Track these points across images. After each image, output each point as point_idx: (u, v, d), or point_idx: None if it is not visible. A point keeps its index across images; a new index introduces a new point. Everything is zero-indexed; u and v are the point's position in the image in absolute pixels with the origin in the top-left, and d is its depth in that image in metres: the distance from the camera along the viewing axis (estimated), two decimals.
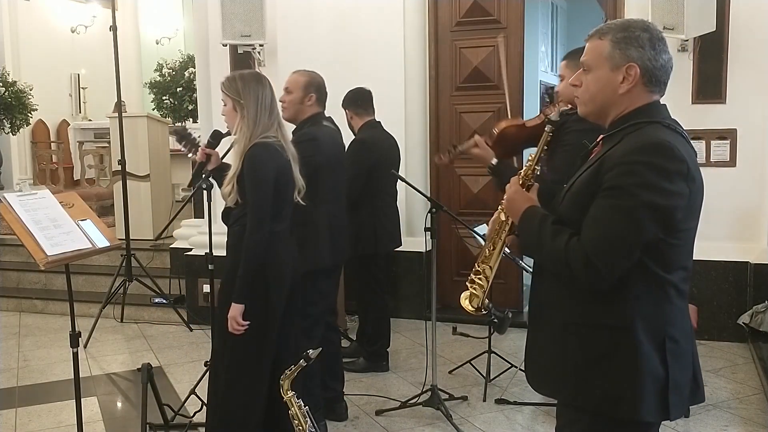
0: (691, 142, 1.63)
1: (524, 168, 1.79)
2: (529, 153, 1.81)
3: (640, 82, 1.61)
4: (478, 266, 1.88)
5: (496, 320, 1.97)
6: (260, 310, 2.68)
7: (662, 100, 1.67)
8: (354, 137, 4.22)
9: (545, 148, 1.77)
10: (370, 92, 4.28)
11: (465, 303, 1.92)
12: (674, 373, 1.58)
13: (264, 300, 2.68)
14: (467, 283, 1.90)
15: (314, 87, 3.38)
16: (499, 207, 1.83)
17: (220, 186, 2.84)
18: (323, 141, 3.29)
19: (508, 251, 1.89)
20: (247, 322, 2.63)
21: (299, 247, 3.21)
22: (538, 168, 1.78)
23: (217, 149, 2.98)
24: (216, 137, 2.94)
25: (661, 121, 1.59)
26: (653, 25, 1.64)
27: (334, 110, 3.92)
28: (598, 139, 1.73)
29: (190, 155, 3.42)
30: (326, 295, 3.41)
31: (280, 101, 3.32)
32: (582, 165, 1.71)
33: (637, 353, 1.55)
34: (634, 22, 1.64)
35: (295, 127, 3.39)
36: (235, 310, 2.63)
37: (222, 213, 2.86)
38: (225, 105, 2.74)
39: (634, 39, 1.60)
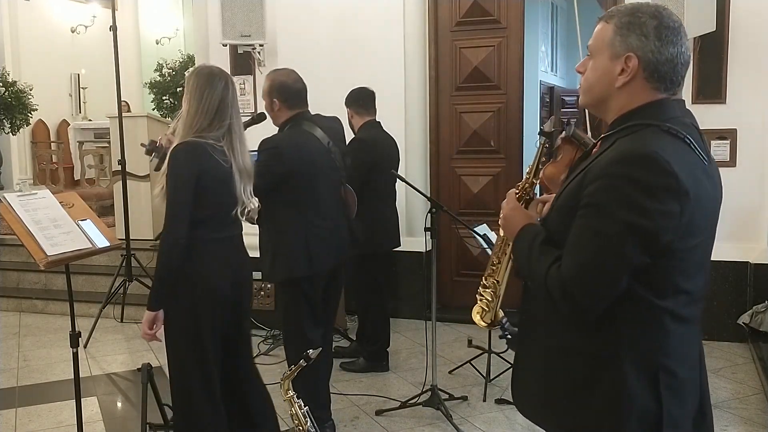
0: (706, 148, 1.44)
1: (522, 182, 1.66)
2: (528, 165, 1.72)
3: (640, 76, 1.42)
4: (485, 280, 1.77)
5: (509, 335, 1.87)
6: (189, 321, 2.53)
7: None
8: (353, 136, 4.22)
9: (543, 160, 1.67)
10: (372, 93, 4.27)
11: (477, 318, 1.81)
12: (670, 408, 1.41)
13: (192, 312, 2.52)
14: (477, 296, 1.80)
15: (276, 91, 3.18)
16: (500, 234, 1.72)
17: None
18: (286, 148, 3.09)
19: None
20: (154, 331, 2.50)
21: (274, 255, 3.15)
22: (536, 181, 1.66)
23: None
24: None
25: (660, 125, 1.39)
26: (667, 12, 1.43)
27: (335, 110, 3.92)
28: (596, 140, 1.60)
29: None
30: (314, 302, 3.28)
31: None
32: (578, 167, 1.57)
33: (621, 387, 1.39)
34: (646, 6, 1.43)
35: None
36: (146, 316, 2.48)
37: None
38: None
39: (638, 26, 1.40)
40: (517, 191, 1.66)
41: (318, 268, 3.22)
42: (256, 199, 2.71)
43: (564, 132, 1.69)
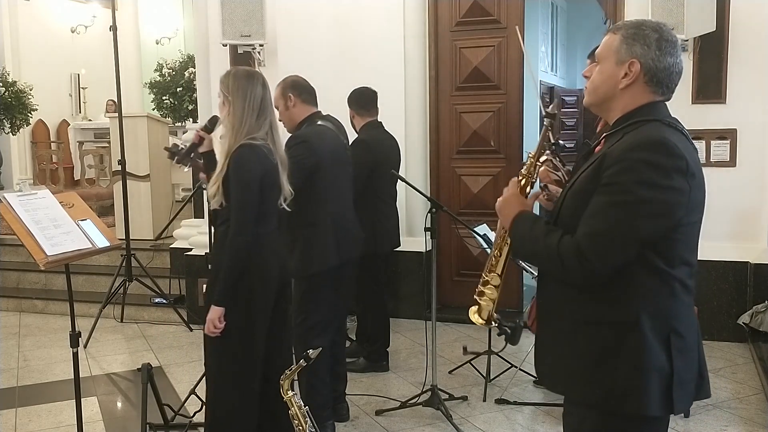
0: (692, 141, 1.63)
1: (526, 165, 1.78)
2: (529, 151, 1.80)
3: (641, 80, 1.63)
4: (486, 275, 1.83)
5: (508, 330, 1.90)
6: (246, 313, 2.63)
7: None
8: (356, 137, 4.22)
9: (546, 143, 1.77)
10: (374, 93, 4.27)
11: (475, 317, 1.86)
12: (679, 368, 1.58)
13: (249, 303, 2.63)
14: (476, 297, 1.84)
15: (289, 87, 3.30)
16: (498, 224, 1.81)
17: (206, 173, 2.80)
18: (314, 141, 3.21)
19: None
20: (222, 325, 2.58)
21: (306, 248, 3.19)
22: (540, 163, 1.77)
23: (212, 135, 2.89)
24: (213, 123, 2.88)
25: (661, 120, 1.61)
26: (667, 28, 1.65)
27: (335, 109, 3.92)
28: (600, 138, 1.73)
29: (186, 169, 3.31)
30: (336, 296, 3.33)
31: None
32: (584, 163, 1.71)
33: (643, 349, 1.56)
34: (649, 22, 1.66)
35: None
36: (215, 312, 2.58)
37: (212, 214, 2.79)
38: (219, 98, 2.72)
39: (642, 37, 1.62)
40: (521, 177, 1.78)
41: (345, 258, 3.31)
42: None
43: (551, 107, 1.80)
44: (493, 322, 1.85)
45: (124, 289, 5.33)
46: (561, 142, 3.26)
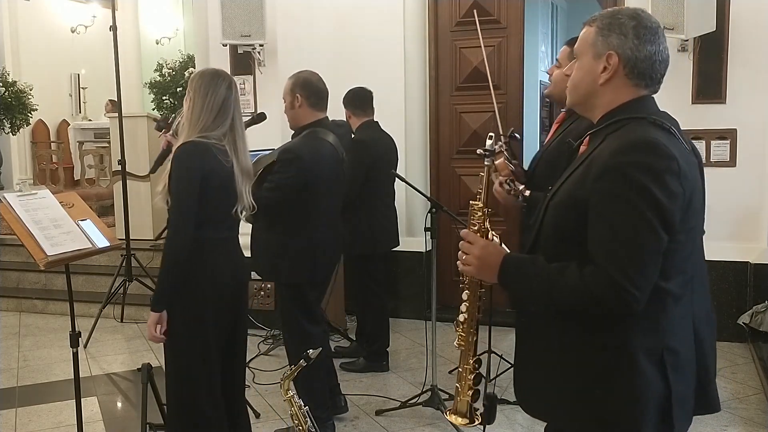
0: (689, 140, 1.53)
1: (474, 216, 1.66)
2: (472, 201, 1.71)
3: (621, 73, 1.50)
4: (464, 367, 1.72)
5: (485, 402, 1.76)
6: (196, 321, 2.50)
7: (663, 100, 1.56)
8: (352, 137, 4.22)
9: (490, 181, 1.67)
10: (370, 93, 4.27)
11: (452, 417, 1.72)
12: (677, 387, 1.46)
13: (198, 312, 2.50)
14: (458, 397, 1.72)
15: (299, 86, 3.18)
16: (464, 295, 1.68)
17: None
18: (307, 160, 3.09)
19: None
20: (163, 331, 2.45)
21: (274, 255, 3.18)
22: (488, 210, 1.66)
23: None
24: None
25: (646, 117, 1.47)
26: (646, 14, 1.52)
27: (335, 109, 3.91)
28: (583, 137, 1.63)
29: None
30: (312, 302, 3.32)
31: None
32: (567, 167, 1.61)
33: (635, 373, 1.43)
34: (626, 9, 1.53)
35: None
36: (152, 318, 2.43)
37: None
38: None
39: (618, 26, 1.49)
40: (474, 226, 1.67)
41: (320, 276, 3.32)
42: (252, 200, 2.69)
43: (488, 144, 1.76)
44: (475, 419, 1.71)
45: (124, 289, 5.32)
46: (517, 134, 3.23)
